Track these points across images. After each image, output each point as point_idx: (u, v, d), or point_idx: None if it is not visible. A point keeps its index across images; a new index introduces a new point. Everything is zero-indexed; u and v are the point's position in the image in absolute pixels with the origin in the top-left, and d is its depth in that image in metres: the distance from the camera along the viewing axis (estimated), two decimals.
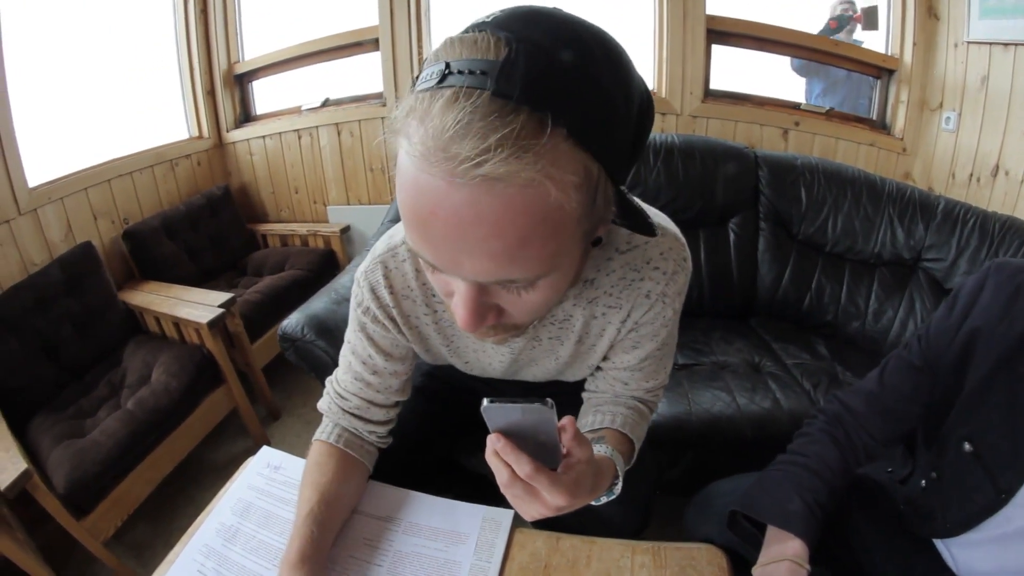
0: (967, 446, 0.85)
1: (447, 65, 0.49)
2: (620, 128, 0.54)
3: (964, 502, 0.86)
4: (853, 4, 2.93)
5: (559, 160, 0.48)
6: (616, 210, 0.61)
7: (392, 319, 0.94)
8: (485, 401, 0.58)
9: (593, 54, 0.51)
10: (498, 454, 0.64)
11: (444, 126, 0.46)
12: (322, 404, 1.07)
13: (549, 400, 0.57)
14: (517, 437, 0.63)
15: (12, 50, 2.30)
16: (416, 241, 0.56)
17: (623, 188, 0.61)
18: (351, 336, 1.00)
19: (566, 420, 0.65)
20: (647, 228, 0.67)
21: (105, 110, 2.98)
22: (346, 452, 1.02)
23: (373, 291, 0.92)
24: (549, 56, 0.48)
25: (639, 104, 0.56)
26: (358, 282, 0.93)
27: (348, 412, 1.03)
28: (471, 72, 0.47)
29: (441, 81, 0.48)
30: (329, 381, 1.07)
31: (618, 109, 0.52)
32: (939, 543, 0.96)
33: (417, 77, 0.53)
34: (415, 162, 0.49)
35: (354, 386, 1.02)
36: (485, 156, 0.45)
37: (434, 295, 0.91)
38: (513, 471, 0.64)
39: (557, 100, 0.47)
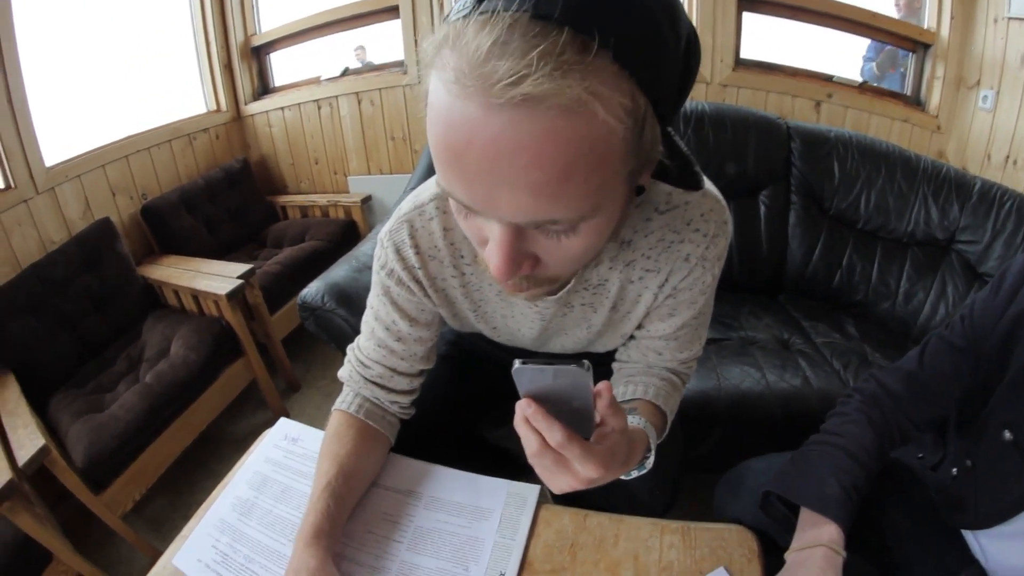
0: (1007, 434, 0.81)
1: None
2: (668, 59, 0.49)
3: (999, 492, 0.83)
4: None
5: (607, 81, 0.44)
6: (664, 151, 0.57)
7: (417, 281, 0.90)
8: (517, 362, 0.55)
9: None
10: (528, 421, 0.60)
11: (479, 45, 0.43)
12: (343, 373, 1.04)
13: (585, 362, 0.54)
14: (549, 403, 0.59)
15: (26, 29, 2.29)
16: (449, 178, 0.52)
17: (671, 130, 0.57)
18: (374, 301, 0.96)
19: (602, 385, 0.61)
20: (694, 177, 0.64)
21: (122, 86, 2.99)
22: (366, 423, 0.99)
23: (398, 251, 0.88)
24: None
25: (687, 39, 0.52)
26: (382, 243, 0.89)
27: (370, 381, 1.00)
28: None
29: (476, 6, 0.45)
30: (351, 349, 1.04)
31: (666, 39, 0.48)
32: (968, 534, 0.93)
33: (448, 13, 0.49)
34: (448, 88, 0.46)
35: (377, 353, 0.99)
36: (526, 71, 0.41)
37: (462, 256, 0.87)
38: (543, 440, 0.60)
39: (602, 21, 0.43)
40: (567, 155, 0.46)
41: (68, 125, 2.63)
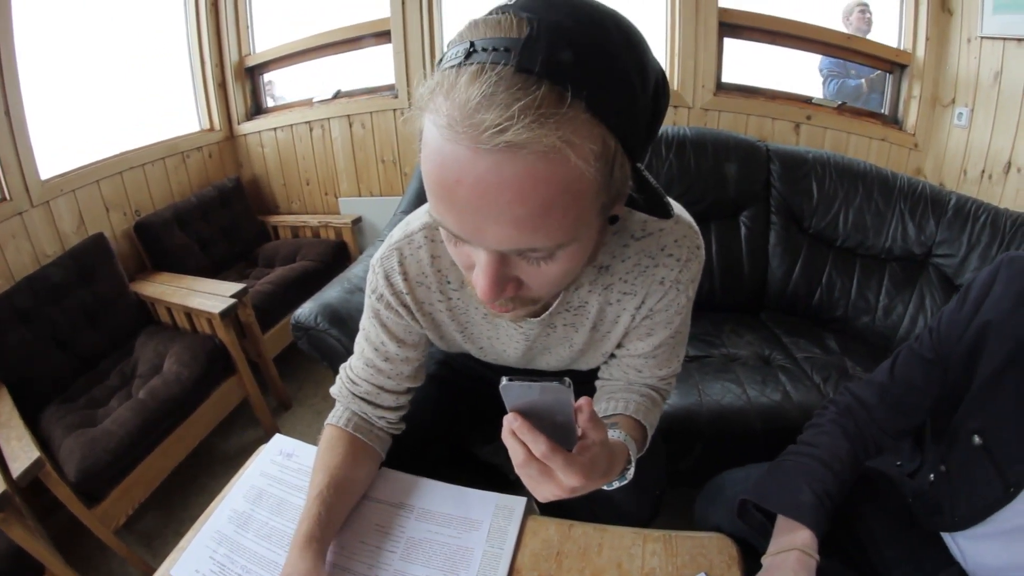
0: (976, 439, 0.85)
1: (471, 44, 0.51)
2: (636, 105, 0.55)
3: (972, 496, 0.86)
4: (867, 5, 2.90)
5: (579, 130, 0.50)
6: (633, 185, 0.63)
7: (406, 306, 0.95)
8: (504, 379, 0.59)
9: (610, 35, 0.53)
10: (514, 434, 0.64)
11: (469, 97, 0.48)
12: (334, 390, 1.08)
13: (567, 380, 0.58)
14: (534, 417, 0.63)
15: (24, 44, 2.31)
16: (441, 211, 0.57)
17: (640, 166, 0.63)
18: (365, 323, 1.02)
19: (583, 401, 0.66)
20: (663, 208, 0.69)
21: (117, 103, 3.00)
22: (356, 436, 1.03)
23: (387, 278, 0.93)
24: (569, 35, 0.50)
25: (655, 84, 0.58)
26: (373, 269, 0.94)
27: (358, 397, 1.05)
28: (495, 49, 0.49)
29: (466, 59, 0.50)
30: (343, 367, 1.09)
31: (634, 87, 0.54)
32: (947, 536, 0.96)
33: (441, 59, 0.55)
34: (441, 132, 0.51)
35: (365, 372, 1.03)
36: (509, 123, 0.47)
37: (449, 282, 0.92)
38: (529, 451, 0.64)
39: (576, 75, 0.49)
40: (545, 194, 0.51)
41: (63, 139, 2.65)
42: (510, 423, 0.64)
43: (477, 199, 0.52)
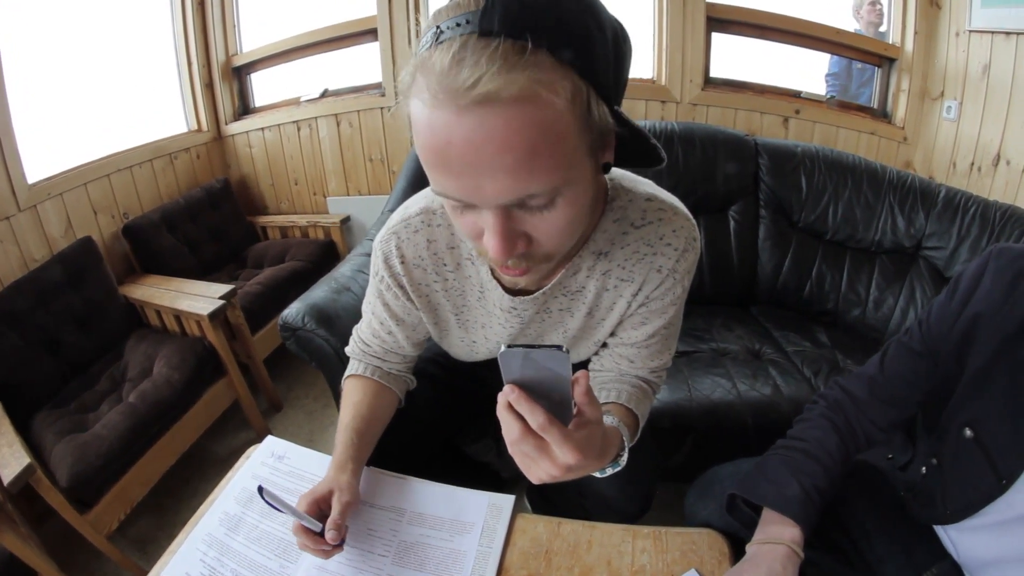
0: (968, 432, 0.85)
1: (438, 27, 0.56)
2: (596, 49, 0.59)
3: (965, 488, 0.86)
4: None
5: (546, 71, 0.55)
6: (613, 123, 0.65)
7: (402, 287, 1.00)
8: (503, 346, 0.60)
9: None
10: (510, 407, 0.64)
11: (443, 66, 0.54)
12: (349, 349, 1.17)
13: (564, 346, 0.59)
14: (530, 392, 0.63)
15: (9, 47, 2.29)
16: (438, 178, 0.62)
17: (619, 109, 0.67)
18: (370, 298, 1.08)
19: (580, 374, 0.66)
20: (654, 151, 0.73)
21: (104, 105, 2.97)
22: (377, 381, 1.10)
23: (386, 260, 0.98)
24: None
25: (612, 31, 0.63)
26: (374, 251, 1.00)
27: (372, 355, 1.12)
28: (458, 24, 0.55)
29: (436, 41, 0.56)
30: (355, 329, 1.17)
31: (591, 32, 0.59)
32: (939, 529, 0.96)
33: (418, 47, 0.59)
34: (425, 104, 0.56)
35: (374, 341, 1.12)
36: (479, 74, 0.52)
37: (445, 264, 0.96)
38: (525, 426, 0.64)
39: (533, 28, 0.54)
40: (528, 137, 0.55)
41: (50, 143, 2.63)
42: (507, 395, 0.64)
43: (468, 156, 0.56)
